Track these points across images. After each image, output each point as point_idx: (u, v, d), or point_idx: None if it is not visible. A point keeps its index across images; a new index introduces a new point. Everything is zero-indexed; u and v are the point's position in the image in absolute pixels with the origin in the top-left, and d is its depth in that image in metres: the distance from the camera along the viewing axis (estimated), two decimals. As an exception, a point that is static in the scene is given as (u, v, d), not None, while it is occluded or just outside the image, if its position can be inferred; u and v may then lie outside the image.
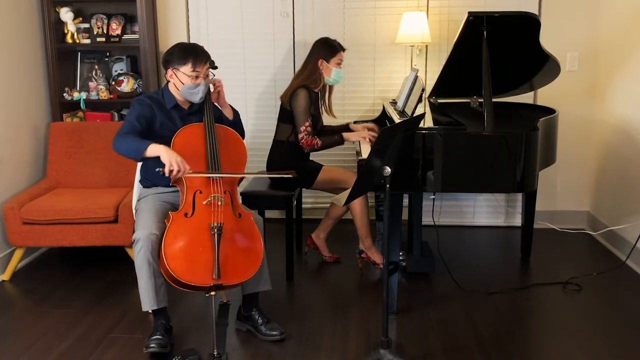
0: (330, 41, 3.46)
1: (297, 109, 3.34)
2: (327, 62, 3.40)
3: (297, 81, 3.42)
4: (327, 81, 3.46)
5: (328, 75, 3.43)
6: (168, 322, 2.69)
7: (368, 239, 3.45)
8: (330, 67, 3.41)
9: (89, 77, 4.18)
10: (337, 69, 3.43)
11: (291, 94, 3.37)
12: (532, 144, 2.82)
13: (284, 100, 3.42)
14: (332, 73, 3.42)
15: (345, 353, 2.61)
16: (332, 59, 3.41)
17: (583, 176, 4.24)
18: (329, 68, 3.41)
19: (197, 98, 2.76)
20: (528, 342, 2.69)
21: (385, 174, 2.33)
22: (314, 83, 3.42)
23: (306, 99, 3.33)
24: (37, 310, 3.07)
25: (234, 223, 2.58)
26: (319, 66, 3.41)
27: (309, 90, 3.37)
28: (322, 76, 3.43)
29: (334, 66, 3.41)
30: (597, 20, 4.02)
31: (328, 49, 3.42)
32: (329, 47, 3.43)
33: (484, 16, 2.94)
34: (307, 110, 3.34)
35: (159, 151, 2.53)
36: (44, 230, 3.40)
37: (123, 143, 2.59)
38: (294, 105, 3.35)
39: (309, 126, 3.34)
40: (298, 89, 3.35)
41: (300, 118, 3.34)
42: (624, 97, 3.71)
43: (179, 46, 2.78)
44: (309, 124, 3.34)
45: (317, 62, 3.41)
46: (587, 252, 3.83)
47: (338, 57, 3.43)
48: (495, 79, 3.02)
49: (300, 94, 3.34)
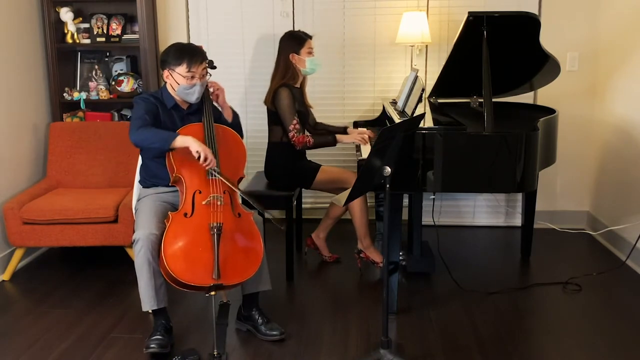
0: (295, 33, 3.44)
1: (282, 109, 3.32)
2: (298, 54, 3.37)
3: (275, 81, 3.39)
4: (303, 72, 3.42)
5: (303, 67, 3.39)
6: (168, 322, 2.69)
7: (367, 239, 3.45)
8: (302, 58, 3.37)
9: (89, 77, 4.18)
10: (310, 58, 3.39)
11: (273, 95, 3.35)
12: (532, 144, 2.82)
13: (267, 103, 3.40)
14: (306, 63, 3.38)
15: (345, 353, 2.61)
16: (301, 49, 3.37)
17: (583, 176, 4.24)
18: (302, 59, 3.38)
19: (193, 98, 2.76)
20: (528, 342, 2.69)
21: (385, 174, 2.33)
22: (292, 79, 3.39)
23: (289, 97, 3.31)
24: (37, 310, 3.07)
25: (233, 223, 2.58)
26: (291, 60, 3.38)
27: (290, 87, 3.35)
28: (298, 69, 3.40)
29: (305, 56, 3.38)
30: (597, 20, 4.02)
31: (295, 41, 3.39)
32: (295, 39, 3.40)
33: (484, 16, 2.94)
34: (291, 108, 3.32)
35: (187, 141, 2.55)
36: (44, 230, 3.40)
37: (147, 134, 2.58)
38: (278, 106, 3.33)
39: (297, 124, 3.32)
40: (279, 89, 3.33)
41: (287, 117, 3.32)
42: (624, 97, 3.71)
43: (175, 46, 2.77)
44: (297, 121, 3.32)
45: (288, 57, 3.38)
46: (587, 252, 3.83)
47: (307, 46, 3.39)
48: (495, 79, 3.02)
49: (282, 94, 3.32)
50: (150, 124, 2.65)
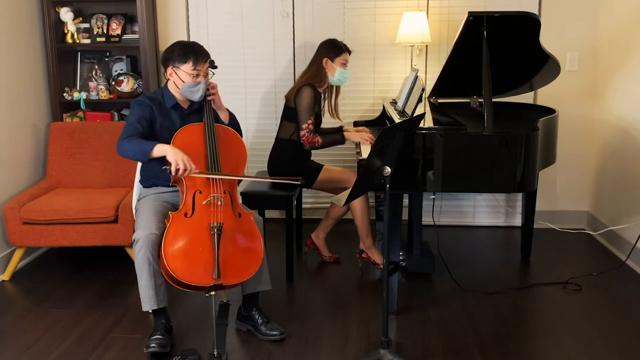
0: (337, 42, 3.51)
1: (302, 106, 3.36)
2: (331, 62, 3.43)
3: (302, 79, 3.46)
4: (330, 81, 3.49)
5: (332, 75, 3.45)
6: (168, 322, 2.69)
7: (369, 239, 3.45)
8: (334, 66, 3.44)
9: (89, 77, 4.18)
10: (342, 69, 3.46)
11: (297, 91, 3.39)
12: (532, 144, 2.82)
13: (290, 98, 3.44)
14: (336, 72, 3.45)
15: (345, 353, 2.61)
16: (336, 58, 3.45)
17: (583, 176, 4.24)
18: (334, 67, 3.44)
19: (197, 96, 2.76)
20: (528, 342, 2.69)
21: (385, 174, 2.33)
22: (318, 82, 3.45)
23: (311, 97, 3.36)
24: (37, 310, 3.07)
25: (233, 223, 2.58)
26: (323, 65, 3.44)
27: (314, 88, 3.41)
28: (327, 76, 3.46)
29: (338, 66, 3.45)
30: (597, 20, 4.02)
31: (334, 48, 3.47)
32: (334, 47, 3.48)
33: (484, 16, 2.94)
34: (311, 108, 3.36)
35: (165, 151, 2.54)
36: (44, 230, 3.40)
37: (128, 146, 2.59)
38: (298, 103, 3.37)
39: (311, 124, 3.36)
40: (303, 87, 3.38)
41: (304, 115, 3.36)
42: (624, 97, 3.71)
43: (179, 44, 2.78)
44: (312, 122, 3.36)
45: (322, 61, 3.44)
46: (587, 252, 3.83)
47: (343, 57, 3.47)
48: (495, 79, 3.02)
49: (305, 92, 3.37)
50: (143, 132, 2.66)
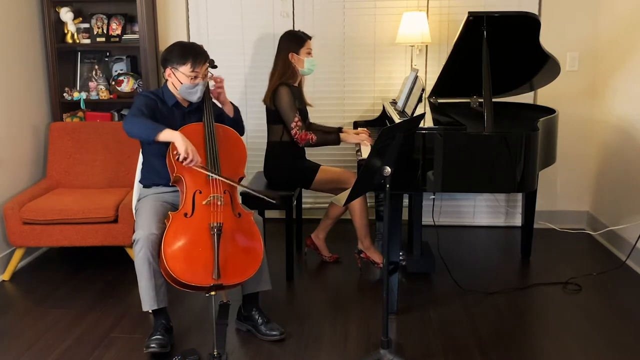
0: (295, 33, 3.45)
1: (283, 107, 3.32)
2: (297, 54, 3.39)
3: (273, 80, 3.40)
4: (302, 72, 3.43)
5: (301, 67, 3.40)
6: (168, 322, 2.69)
7: (367, 239, 3.45)
8: (301, 58, 3.39)
9: (89, 77, 4.18)
10: (309, 58, 3.41)
11: (272, 94, 3.36)
12: (532, 144, 2.82)
13: (267, 102, 3.41)
14: (305, 64, 3.40)
15: (345, 353, 2.61)
16: (301, 49, 3.39)
17: (583, 176, 4.24)
18: (301, 59, 3.39)
19: (194, 98, 2.76)
20: (528, 342, 2.69)
21: (385, 174, 2.33)
22: (291, 78, 3.40)
23: (288, 95, 3.32)
24: (37, 310, 3.07)
25: (233, 223, 2.58)
26: (290, 60, 3.39)
27: (289, 85, 3.36)
28: (297, 69, 3.41)
29: (304, 56, 3.39)
30: (597, 20, 4.02)
31: (295, 40, 3.40)
32: (295, 38, 3.41)
33: (484, 16, 2.94)
34: (292, 105, 3.32)
35: (174, 137, 2.53)
36: (44, 230, 3.40)
37: (136, 123, 2.57)
38: (278, 105, 3.34)
39: (299, 121, 3.32)
40: (278, 88, 3.33)
41: (289, 115, 3.32)
42: (624, 97, 3.71)
43: (179, 45, 2.77)
44: (298, 118, 3.32)
45: (288, 56, 3.39)
46: (587, 252, 3.83)
47: (306, 47, 3.41)
48: (496, 79, 3.02)
49: (281, 92, 3.32)
50: (147, 117, 2.65)
